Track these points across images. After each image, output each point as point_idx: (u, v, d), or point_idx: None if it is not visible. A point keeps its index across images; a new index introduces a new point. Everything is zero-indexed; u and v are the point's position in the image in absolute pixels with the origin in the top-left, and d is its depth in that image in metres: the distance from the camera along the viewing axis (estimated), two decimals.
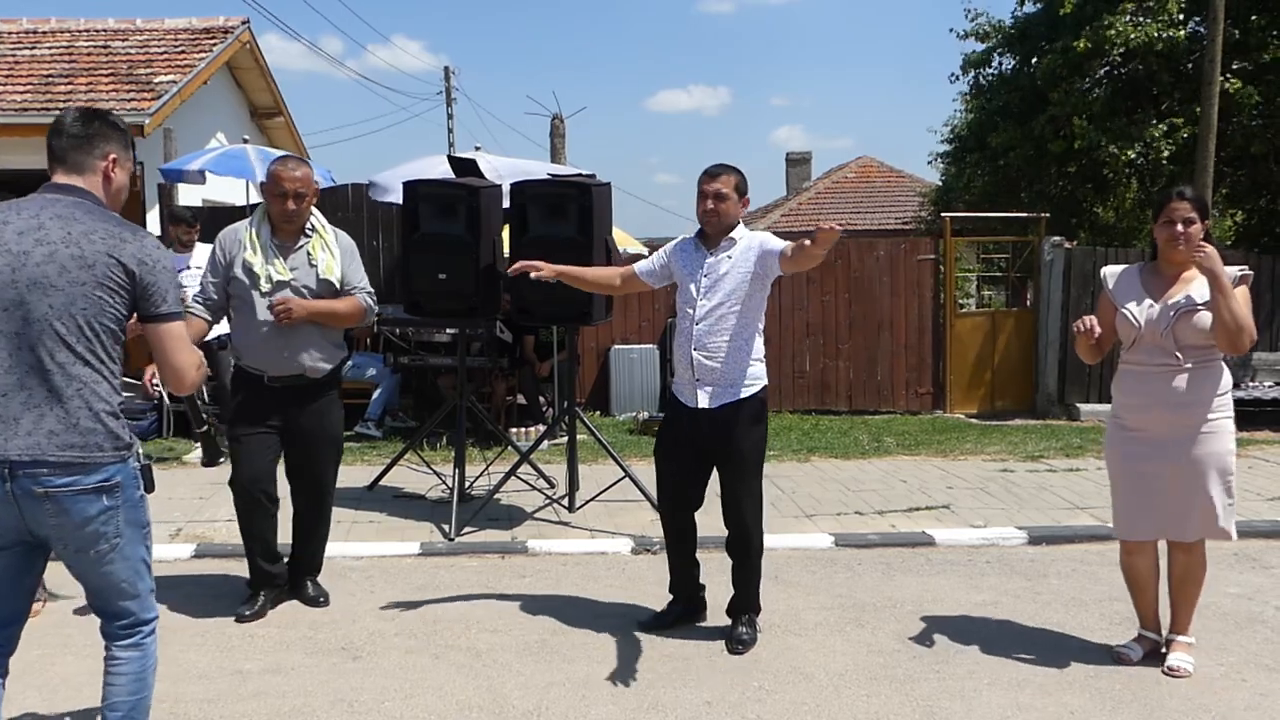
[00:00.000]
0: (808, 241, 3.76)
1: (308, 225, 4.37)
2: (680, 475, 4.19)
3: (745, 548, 4.14)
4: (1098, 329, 3.82)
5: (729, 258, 4.06)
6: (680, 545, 4.32)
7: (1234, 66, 12.20)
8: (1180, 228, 3.73)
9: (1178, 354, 3.72)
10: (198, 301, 4.37)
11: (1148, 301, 3.79)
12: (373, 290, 4.56)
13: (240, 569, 5.19)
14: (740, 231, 4.11)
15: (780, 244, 4.04)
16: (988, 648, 4.15)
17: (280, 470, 4.49)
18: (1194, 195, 3.79)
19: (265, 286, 4.25)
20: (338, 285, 4.38)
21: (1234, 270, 3.72)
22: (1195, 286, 3.74)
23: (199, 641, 4.18)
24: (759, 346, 4.11)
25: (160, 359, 2.69)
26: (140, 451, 2.69)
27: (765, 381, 4.12)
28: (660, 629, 4.30)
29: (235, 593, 4.79)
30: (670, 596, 4.41)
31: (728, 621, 4.24)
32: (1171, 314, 3.71)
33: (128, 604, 2.71)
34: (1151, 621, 4.09)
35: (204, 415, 3.70)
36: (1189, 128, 12.09)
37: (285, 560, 4.65)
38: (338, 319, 4.41)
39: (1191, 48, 12.45)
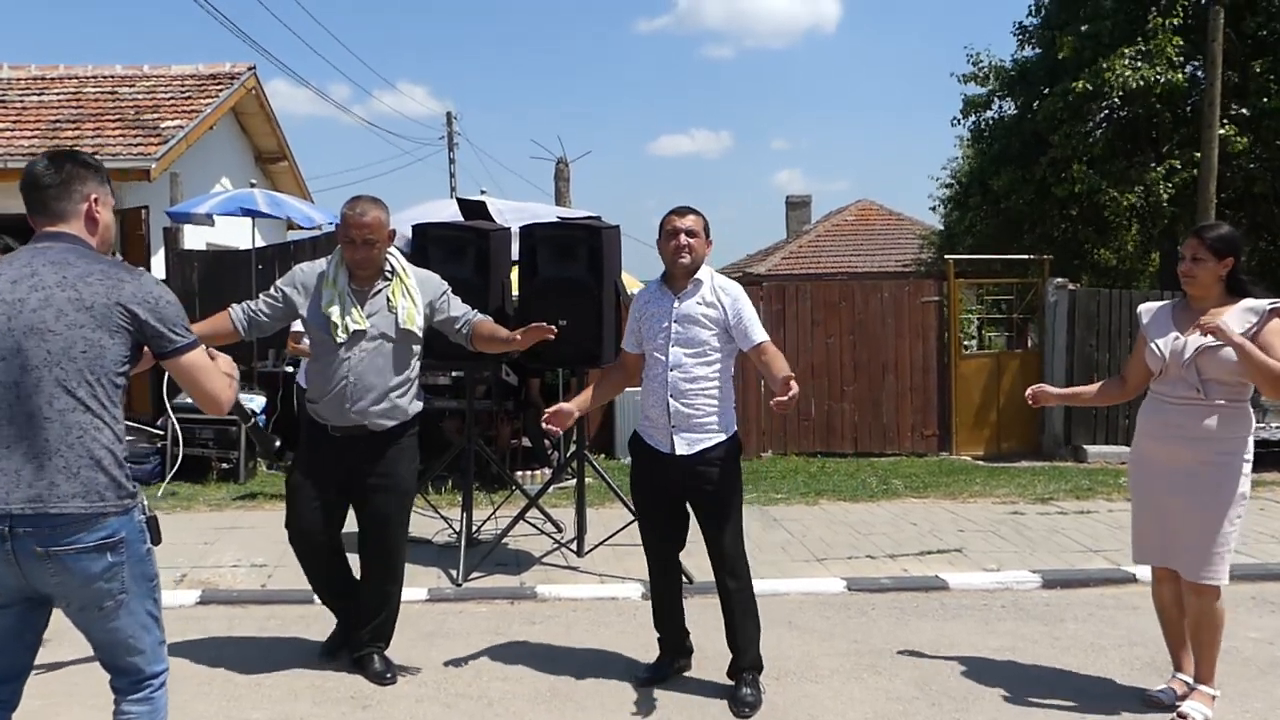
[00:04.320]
0: (779, 385, 3.74)
1: (386, 268, 4.17)
2: (661, 518, 4.09)
3: (740, 597, 4.01)
4: (1034, 391, 4.12)
5: (699, 302, 3.96)
6: (669, 591, 4.19)
7: (1233, 111, 12.30)
8: (1188, 264, 3.79)
9: (1199, 388, 3.69)
10: (245, 306, 4.18)
11: (1174, 334, 3.80)
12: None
13: (245, 616, 5.14)
14: (704, 273, 4.02)
15: (758, 334, 3.95)
16: (1007, 695, 4.07)
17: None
18: (1213, 234, 3.79)
19: (341, 337, 4.05)
20: (419, 333, 4.20)
21: (1264, 304, 3.72)
22: (1223, 322, 3.68)
23: (205, 691, 4.10)
24: (730, 392, 4.05)
25: (191, 390, 2.66)
26: (145, 504, 2.60)
27: (735, 427, 4.07)
28: (660, 682, 4.17)
29: (240, 640, 4.72)
30: (659, 649, 4.28)
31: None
32: (1195, 349, 3.69)
33: (134, 660, 2.61)
34: (1181, 663, 4.03)
35: (247, 412, 3.59)
36: (1189, 170, 12.18)
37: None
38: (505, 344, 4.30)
39: (1190, 91, 12.58)
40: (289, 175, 16.37)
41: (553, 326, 4.12)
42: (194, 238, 11.19)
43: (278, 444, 4.24)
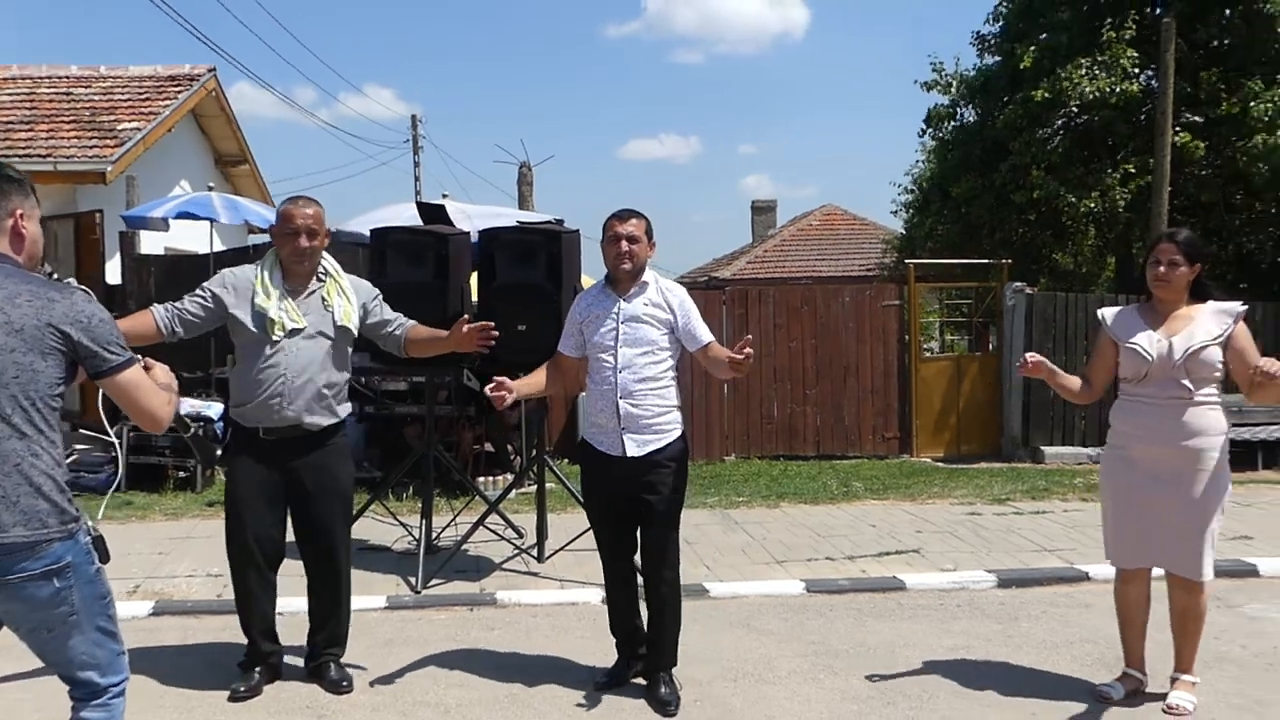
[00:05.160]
0: (725, 359, 3.81)
1: (320, 270, 4.18)
2: (616, 523, 4.10)
3: (669, 597, 4.03)
4: (1032, 359, 3.98)
5: (645, 303, 3.99)
6: (625, 595, 4.21)
7: (1185, 119, 12.53)
8: (1164, 269, 3.88)
9: (1188, 384, 3.79)
10: (168, 306, 4.07)
11: (1156, 336, 3.88)
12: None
13: (199, 627, 5.08)
14: (649, 275, 4.05)
15: (704, 334, 4.02)
16: (962, 693, 4.12)
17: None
18: (1184, 239, 3.90)
19: (277, 334, 4.02)
20: (355, 333, 4.22)
21: (1235, 306, 3.87)
22: (1200, 324, 3.84)
23: (158, 703, 4.05)
24: (677, 393, 4.08)
25: (129, 409, 2.60)
26: (90, 524, 2.56)
27: (683, 427, 4.09)
28: (618, 686, 4.18)
29: (196, 652, 4.67)
30: (617, 653, 4.29)
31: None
32: (1184, 350, 3.79)
33: (88, 674, 2.59)
34: (1136, 660, 4.11)
35: (186, 421, 3.51)
36: (1144, 177, 12.38)
37: (279, 640, 4.33)
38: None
39: (1145, 99, 12.79)
40: (250, 178, 16.22)
41: (491, 325, 4.13)
42: (151, 242, 11.05)
43: (219, 452, 4.21)
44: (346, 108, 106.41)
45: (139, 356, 2.64)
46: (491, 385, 3.88)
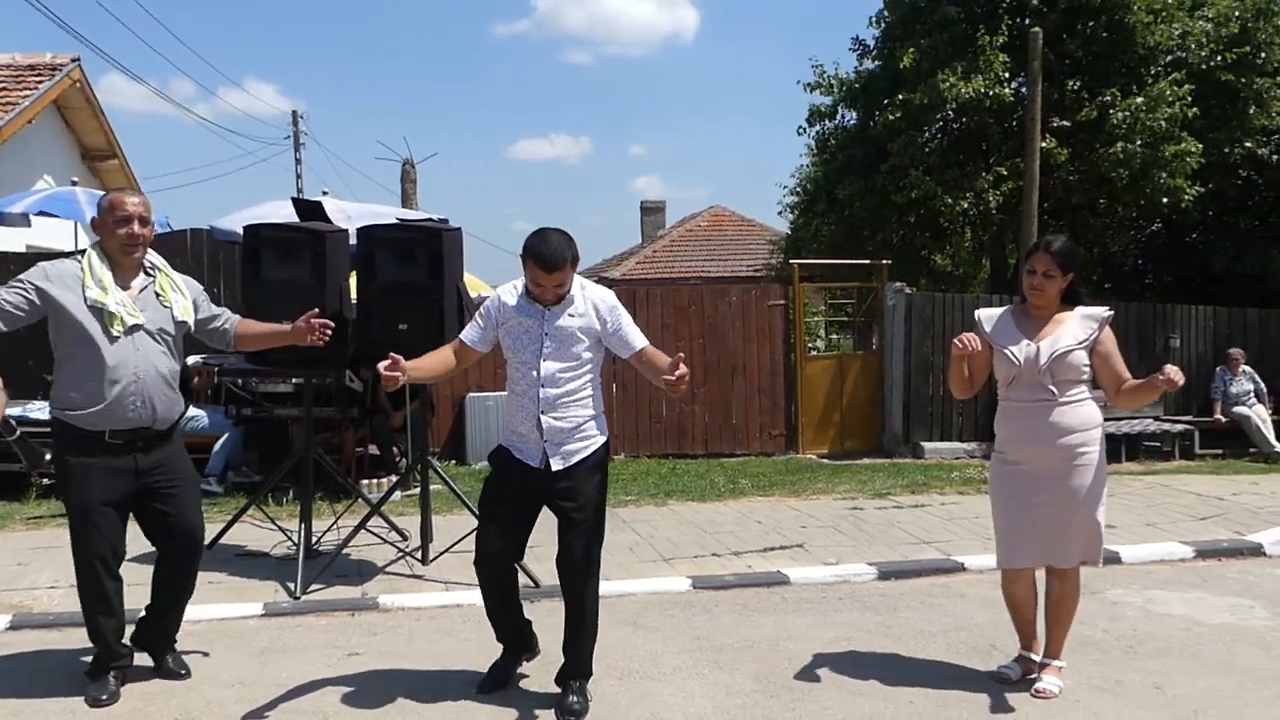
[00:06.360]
0: (664, 372, 3.71)
1: (148, 265, 4.07)
2: (511, 528, 3.97)
3: (590, 608, 3.97)
4: (977, 344, 4.03)
5: (571, 315, 3.88)
6: (506, 597, 4.11)
7: (1053, 124, 13.09)
8: (1038, 279, 4.05)
9: (1052, 388, 3.96)
10: None
11: (1025, 341, 4.04)
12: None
13: (61, 640, 4.83)
14: (575, 286, 3.92)
15: (637, 340, 3.93)
16: (842, 683, 4.20)
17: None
18: (1058, 248, 4.04)
19: (117, 330, 3.87)
20: (192, 327, 4.17)
21: (1101, 311, 4.06)
22: (1067, 329, 4.02)
23: None
24: (601, 398, 4.03)
25: None
26: None
27: (607, 432, 4.05)
28: (502, 686, 4.13)
29: (56, 667, 4.43)
30: (502, 649, 4.21)
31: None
32: (1050, 354, 3.96)
33: None
34: (1030, 643, 4.28)
35: (11, 424, 3.25)
36: (1015, 180, 12.90)
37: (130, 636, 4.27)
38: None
39: (1016, 105, 13.32)
40: (120, 174, 15.53)
41: (332, 324, 4.20)
42: (10, 239, 10.49)
43: (48, 457, 4.04)
44: (226, 103, 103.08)
45: None
46: (386, 363, 3.74)
